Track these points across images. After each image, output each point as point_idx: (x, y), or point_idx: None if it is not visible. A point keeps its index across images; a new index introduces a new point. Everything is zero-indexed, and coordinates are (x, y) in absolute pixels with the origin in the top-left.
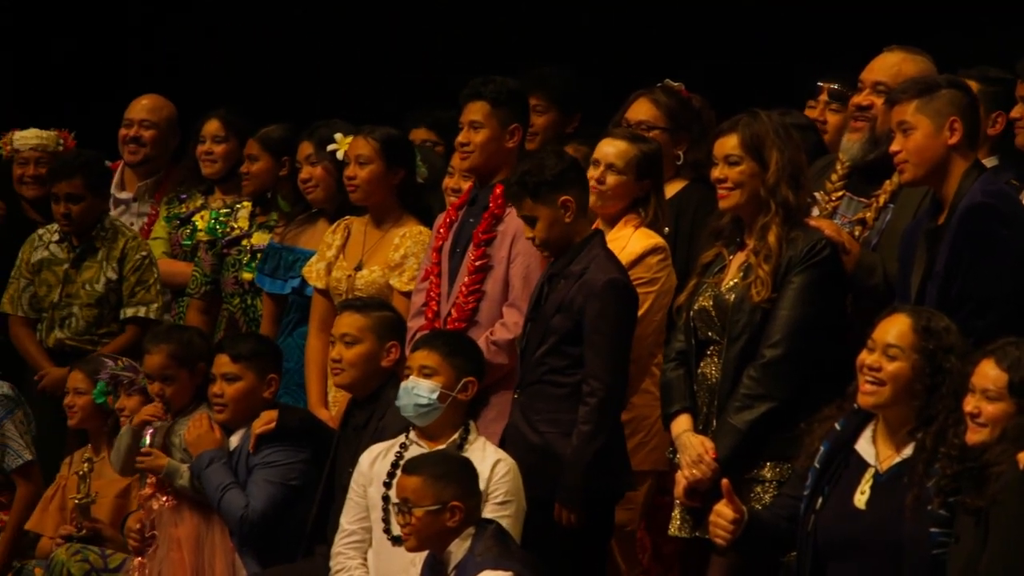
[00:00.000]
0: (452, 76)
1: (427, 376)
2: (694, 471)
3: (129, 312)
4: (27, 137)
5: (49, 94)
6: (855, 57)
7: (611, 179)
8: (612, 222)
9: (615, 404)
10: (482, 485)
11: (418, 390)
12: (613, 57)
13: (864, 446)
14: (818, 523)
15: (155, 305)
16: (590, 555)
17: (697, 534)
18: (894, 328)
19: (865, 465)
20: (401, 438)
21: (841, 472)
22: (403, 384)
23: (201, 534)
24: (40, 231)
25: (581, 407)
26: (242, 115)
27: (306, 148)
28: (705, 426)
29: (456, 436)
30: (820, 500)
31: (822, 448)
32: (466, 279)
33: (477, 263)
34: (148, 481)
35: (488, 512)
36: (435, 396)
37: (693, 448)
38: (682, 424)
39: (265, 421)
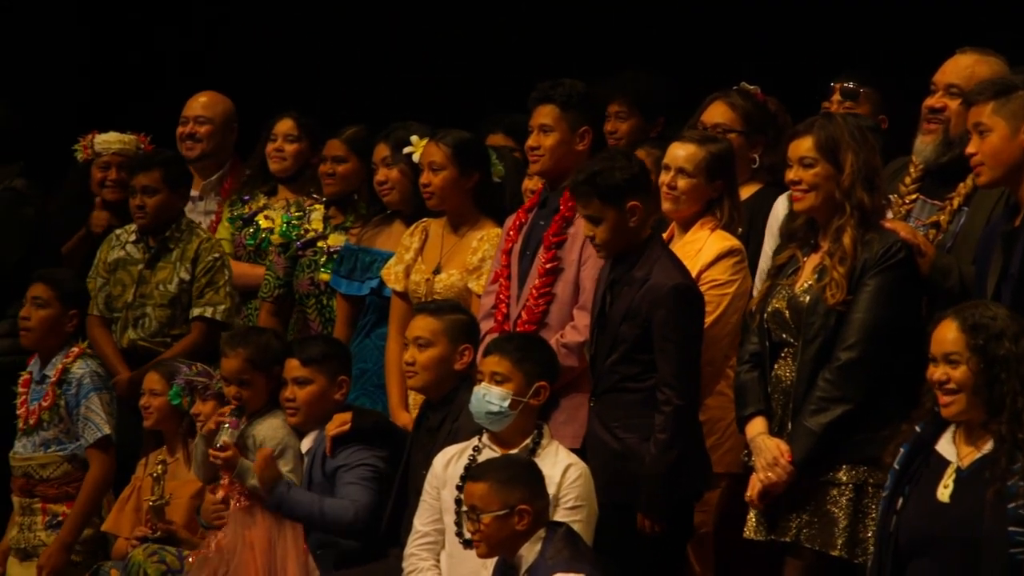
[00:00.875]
0: (529, 81)
1: (498, 383)
2: (769, 474)
3: (196, 312)
4: (108, 141)
5: (119, 96)
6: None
7: (682, 183)
8: (687, 225)
9: (690, 409)
10: (552, 490)
11: (489, 397)
12: (689, 60)
13: (945, 446)
14: (900, 522)
15: (223, 307)
16: (668, 558)
17: (772, 537)
18: (947, 335)
19: (946, 463)
20: (474, 441)
21: (921, 472)
22: (475, 390)
23: (273, 536)
24: (118, 231)
25: (657, 415)
26: (313, 117)
27: (382, 150)
28: (780, 428)
29: (528, 441)
30: (901, 500)
31: (901, 450)
32: (536, 282)
33: (547, 266)
34: (221, 483)
35: (559, 517)
36: (506, 404)
37: (768, 451)
38: (757, 427)
39: (339, 423)
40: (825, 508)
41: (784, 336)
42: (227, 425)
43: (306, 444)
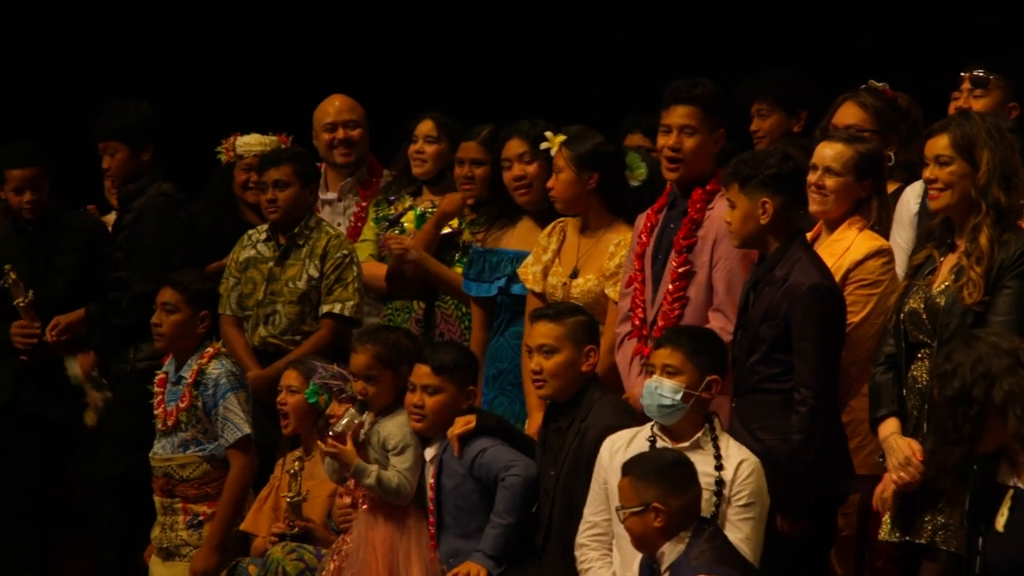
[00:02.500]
0: (664, 81)
1: (670, 375)
2: (902, 474)
3: (325, 308)
4: (250, 143)
5: (264, 99)
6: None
7: (830, 182)
8: (834, 226)
9: (827, 410)
10: (727, 488)
11: (662, 390)
12: (817, 57)
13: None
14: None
15: (351, 303)
16: (811, 561)
17: (907, 538)
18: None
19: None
20: (646, 430)
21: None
22: (647, 383)
23: (395, 537)
24: (250, 231)
25: (793, 416)
26: (453, 117)
27: (518, 146)
28: (915, 430)
29: (699, 434)
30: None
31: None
32: (670, 286)
33: (680, 270)
34: (348, 484)
35: (732, 515)
36: (679, 397)
37: (900, 451)
38: (889, 427)
39: (463, 423)
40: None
41: (920, 337)
42: (347, 418)
43: (430, 453)
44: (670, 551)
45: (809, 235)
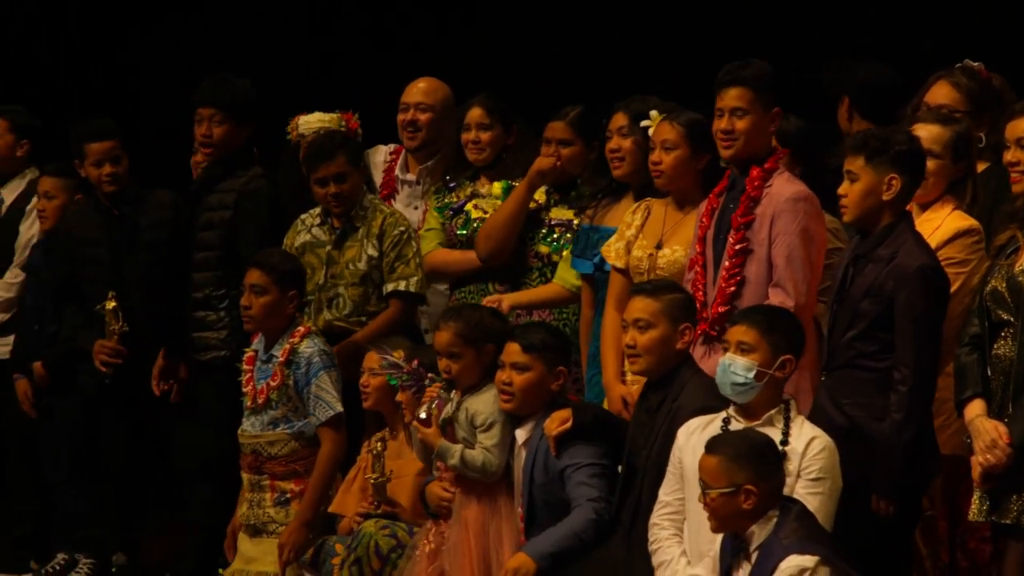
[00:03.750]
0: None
1: (744, 352)
2: (988, 456)
3: (390, 287)
4: (310, 121)
5: (337, 79)
6: None
7: (929, 164)
8: (927, 206)
9: (926, 391)
10: (796, 462)
11: (735, 368)
12: (909, 38)
13: None
14: None
15: (415, 278)
16: (895, 541)
17: (993, 518)
18: None
19: None
20: (723, 413)
21: None
22: (720, 360)
23: (487, 518)
24: (302, 216)
25: (892, 395)
26: (503, 99)
27: (620, 119)
28: (1000, 410)
29: (773, 412)
30: None
31: None
32: (727, 264)
33: (737, 247)
34: (439, 464)
35: (800, 488)
36: (752, 375)
37: (987, 433)
38: (975, 409)
39: (560, 422)
40: None
41: (1003, 316)
42: (433, 400)
43: (521, 435)
44: (759, 531)
45: None
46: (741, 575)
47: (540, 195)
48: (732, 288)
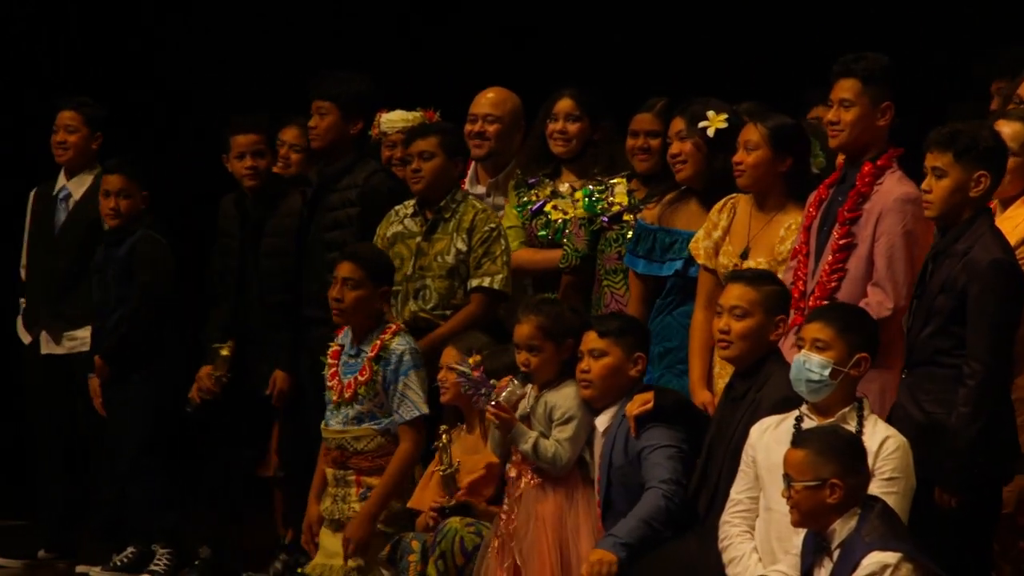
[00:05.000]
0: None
1: (820, 350)
2: None
3: (474, 282)
4: (393, 120)
5: (420, 81)
6: None
7: (1009, 161)
8: (1008, 203)
9: (996, 386)
10: (869, 462)
11: (810, 365)
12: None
13: None
14: None
15: (500, 276)
16: (972, 539)
17: None
18: None
19: None
20: (795, 411)
21: None
22: (796, 357)
23: (563, 511)
24: (396, 207)
25: (961, 389)
26: (593, 93)
27: (678, 123)
28: None
29: (847, 411)
30: None
31: None
32: (829, 257)
33: (841, 241)
34: (514, 459)
35: (874, 488)
36: (827, 372)
37: None
38: None
39: (641, 403)
40: None
41: None
42: (510, 387)
43: (602, 423)
44: (841, 528)
45: None
46: (823, 573)
47: (622, 196)
48: (833, 283)
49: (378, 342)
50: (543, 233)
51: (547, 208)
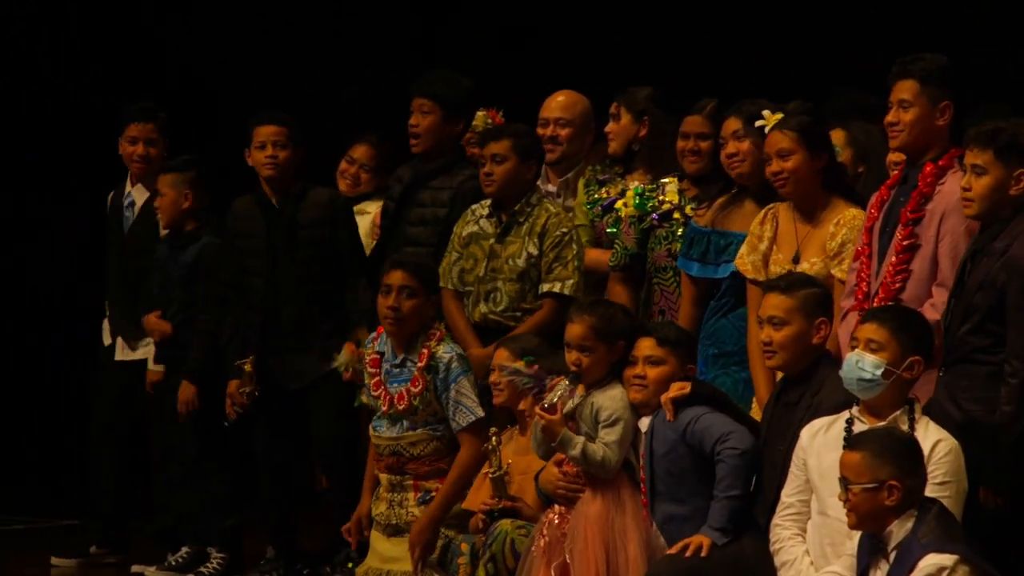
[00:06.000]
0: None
1: (873, 351)
2: None
3: (545, 287)
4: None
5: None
6: None
7: None
8: None
9: None
10: None
11: (863, 364)
12: None
13: None
14: None
15: (571, 281)
16: (1015, 538)
17: None
18: None
19: None
20: (846, 413)
21: None
22: (848, 356)
23: (611, 510)
24: (473, 206)
25: (1003, 387)
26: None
27: (733, 124)
28: None
29: (899, 413)
30: None
31: None
32: (893, 259)
33: (904, 243)
34: (558, 459)
35: (927, 492)
36: (879, 372)
37: None
38: None
39: (679, 388)
40: None
41: None
42: (560, 390)
43: (644, 423)
44: (898, 530)
45: None
46: (879, 575)
47: (672, 195)
48: (898, 284)
49: (425, 351)
50: (612, 230)
51: (617, 205)
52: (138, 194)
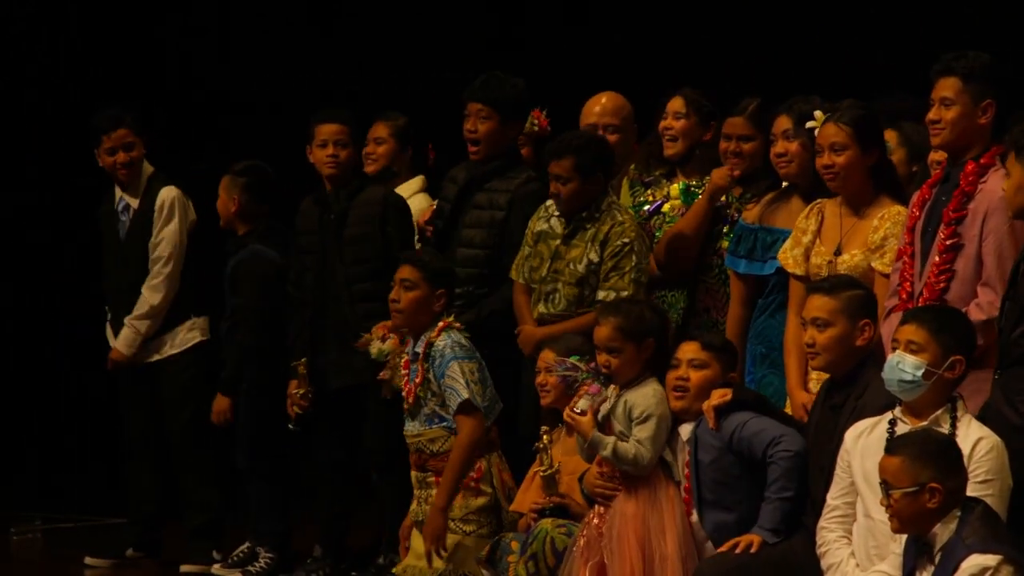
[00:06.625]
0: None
1: (914, 352)
2: None
3: (600, 295)
4: None
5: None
6: None
7: None
8: None
9: None
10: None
11: (903, 365)
12: None
13: None
14: None
15: (625, 292)
16: None
17: None
18: None
19: None
20: (889, 414)
21: None
22: (889, 358)
23: (647, 510)
24: (547, 202)
25: None
26: (705, 94)
27: (783, 123)
28: None
29: (940, 413)
30: None
31: None
32: (936, 259)
33: (947, 242)
34: (599, 459)
35: (970, 491)
36: (920, 373)
37: None
38: None
39: (720, 395)
40: None
41: None
42: (589, 392)
43: (685, 431)
44: (942, 531)
45: None
46: None
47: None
48: (942, 284)
49: (426, 341)
50: (659, 234)
51: (665, 208)
52: (131, 198)
